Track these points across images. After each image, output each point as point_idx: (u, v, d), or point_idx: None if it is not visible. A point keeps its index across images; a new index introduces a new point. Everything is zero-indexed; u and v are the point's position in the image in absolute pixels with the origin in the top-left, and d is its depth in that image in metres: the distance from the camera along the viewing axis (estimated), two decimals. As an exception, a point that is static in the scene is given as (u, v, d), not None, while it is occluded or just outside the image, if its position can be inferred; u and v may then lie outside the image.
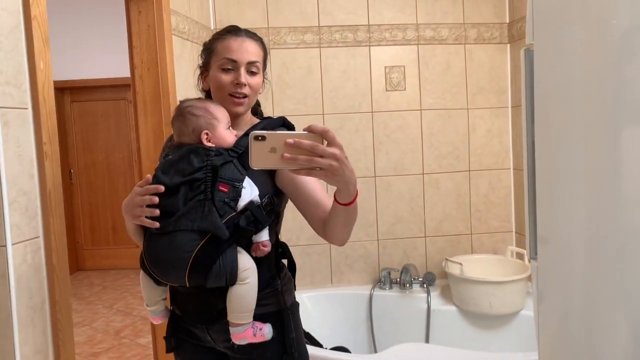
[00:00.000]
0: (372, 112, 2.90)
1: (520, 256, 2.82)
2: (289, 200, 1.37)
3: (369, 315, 2.83)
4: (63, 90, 5.64)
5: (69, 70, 5.47)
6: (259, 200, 1.25)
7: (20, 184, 1.37)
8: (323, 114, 2.87)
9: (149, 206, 1.21)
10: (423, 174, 2.95)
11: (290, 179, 1.29)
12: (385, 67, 2.89)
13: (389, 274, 2.88)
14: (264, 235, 1.27)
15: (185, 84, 2.37)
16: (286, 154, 0.96)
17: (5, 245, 1.32)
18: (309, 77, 2.86)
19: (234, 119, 1.36)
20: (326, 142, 1.00)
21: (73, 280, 5.62)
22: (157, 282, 1.29)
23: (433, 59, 2.90)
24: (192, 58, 2.47)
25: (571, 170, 1.01)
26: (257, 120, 1.43)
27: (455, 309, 2.72)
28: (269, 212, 1.27)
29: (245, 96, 1.34)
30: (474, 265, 2.77)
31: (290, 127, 1.36)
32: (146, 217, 1.21)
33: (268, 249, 1.28)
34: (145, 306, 1.38)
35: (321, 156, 0.99)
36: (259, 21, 2.80)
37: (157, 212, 1.20)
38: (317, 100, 2.87)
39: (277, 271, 1.38)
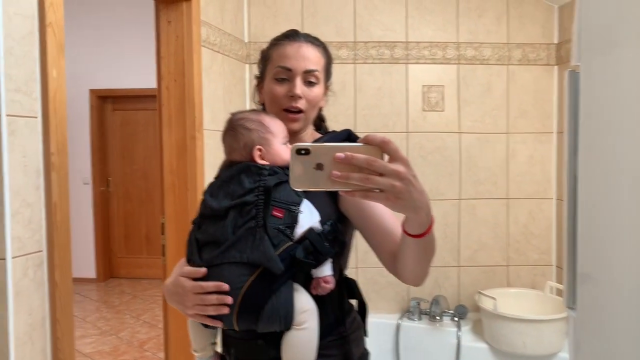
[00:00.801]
0: (407, 132, 2.78)
1: (560, 292, 2.62)
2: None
3: (395, 346, 2.67)
4: (105, 98, 5.75)
5: (112, 79, 5.57)
6: (320, 228, 1.07)
7: (24, 195, 1.32)
8: (356, 133, 2.76)
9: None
10: (460, 199, 2.80)
11: (354, 201, 1.09)
12: (423, 86, 2.76)
13: (419, 304, 2.73)
14: (326, 270, 1.07)
15: (213, 96, 2.31)
16: (335, 172, 0.76)
17: (5, 259, 1.27)
18: (342, 93, 2.76)
19: (292, 135, 1.20)
20: (387, 157, 0.79)
21: (105, 287, 5.68)
22: (205, 324, 1.12)
23: (474, 79, 2.76)
24: (222, 71, 2.42)
25: (619, 205, 0.87)
26: (319, 136, 1.26)
27: (487, 347, 2.54)
28: (331, 241, 1.08)
29: (300, 111, 1.18)
30: (509, 300, 2.59)
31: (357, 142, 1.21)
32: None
33: (331, 286, 1.08)
34: (192, 351, 1.22)
35: (380, 174, 0.76)
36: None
37: (226, 309, 1.02)
38: (349, 117, 2.77)
39: (343, 314, 1.18)
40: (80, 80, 5.43)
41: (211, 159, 2.26)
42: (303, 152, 0.77)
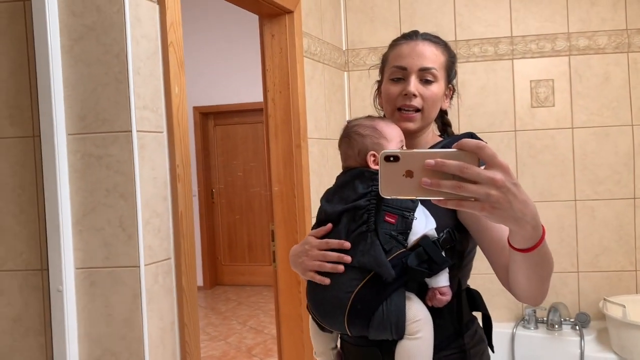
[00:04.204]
0: (515, 130, 2.65)
1: (701, 300, 2.37)
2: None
3: (511, 357, 2.54)
4: (207, 114, 6.04)
5: (213, 95, 5.85)
6: (436, 235, 1.04)
7: (153, 205, 1.40)
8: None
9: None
10: (575, 200, 2.62)
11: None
12: (530, 81, 2.63)
13: (535, 312, 2.58)
14: (442, 280, 1.04)
15: (315, 105, 2.34)
16: (425, 179, 0.71)
17: (139, 266, 1.35)
18: (444, 95, 2.69)
19: (411, 139, 1.18)
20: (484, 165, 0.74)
21: (212, 294, 5.93)
22: (322, 328, 1.15)
23: (588, 70, 2.58)
24: (322, 80, 2.45)
25: None
26: (439, 140, 1.23)
27: (616, 358, 2.34)
28: (448, 250, 1.05)
29: (417, 110, 1.15)
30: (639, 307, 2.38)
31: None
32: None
33: (447, 297, 1.05)
34: (314, 355, 1.25)
35: (475, 182, 0.71)
36: (392, 40, 2.71)
37: (341, 268, 1.04)
38: (452, 119, 2.64)
39: (462, 327, 1.13)
40: (184, 98, 5.76)
41: (315, 166, 2.29)
42: (392, 158, 0.74)
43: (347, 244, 1.04)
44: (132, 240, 1.34)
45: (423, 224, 1.04)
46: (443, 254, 1.03)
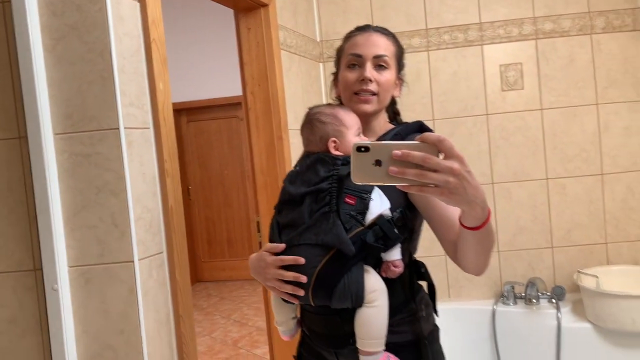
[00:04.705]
0: (487, 114, 2.73)
1: (668, 268, 2.49)
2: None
3: (492, 333, 2.64)
4: (180, 111, 5.99)
5: (185, 91, 5.80)
6: (390, 215, 1.15)
7: (144, 201, 1.42)
8: (433, 120, 2.75)
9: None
10: (547, 179, 2.72)
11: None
12: (500, 65, 2.71)
13: (513, 288, 2.67)
14: (395, 254, 1.16)
15: (294, 97, 2.37)
16: (392, 168, 0.81)
17: (133, 261, 1.37)
18: (417, 82, 2.75)
19: (366, 124, 1.28)
20: (443, 155, 0.83)
21: (192, 291, 5.89)
22: (285, 300, 1.23)
23: (554, 53, 2.67)
24: (299, 71, 2.48)
25: None
26: (391, 127, 1.34)
27: (590, 327, 2.45)
28: (400, 227, 1.16)
29: (373, 94, 1.25)
30: (611, 278, 2.49)
31: (429, 132, 1.25)
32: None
33: (400, 269, 1.17)
34: (274, 323, 1.34)
35: (435, 170, 0.80)
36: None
37: (301, 292, 1.13)
38: (426, 105, 2.76)
39: (413, 294, 1.26)
40: (156, 96, 5.70)
41: (296, 157, 2.31)
42: (363, 149, 0.82)
43: (302, 260, 1.12)
44: (125, 236, 1.36)
45: (379, 205, 1.13)
46: (396, 231, 1.14)
